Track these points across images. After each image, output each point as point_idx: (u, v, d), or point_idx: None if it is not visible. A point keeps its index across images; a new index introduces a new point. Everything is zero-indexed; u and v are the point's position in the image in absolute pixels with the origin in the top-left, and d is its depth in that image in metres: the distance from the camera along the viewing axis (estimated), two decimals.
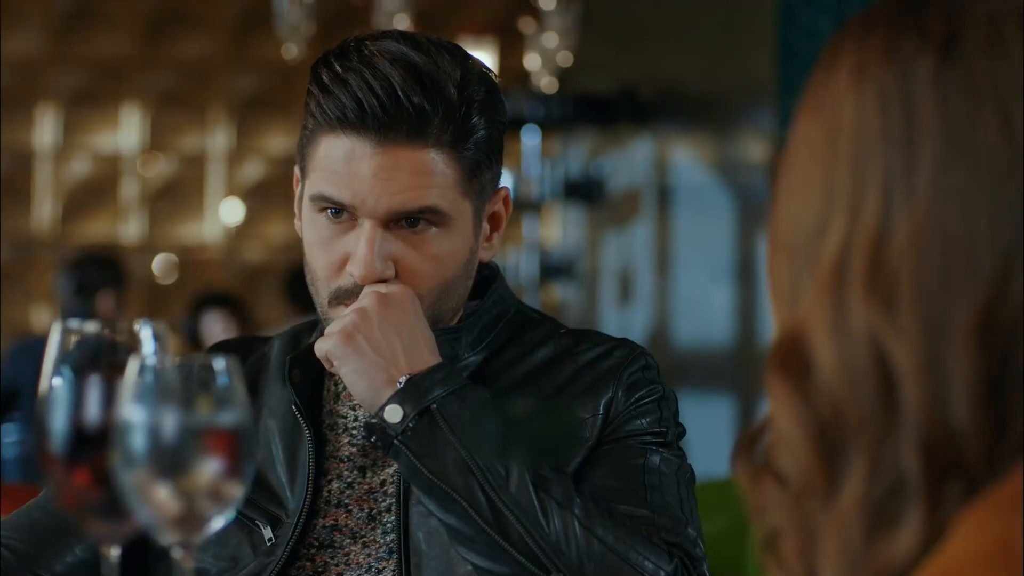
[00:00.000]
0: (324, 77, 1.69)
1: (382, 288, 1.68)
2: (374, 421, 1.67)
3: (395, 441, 1.65)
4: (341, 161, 1.68)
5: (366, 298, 1.68)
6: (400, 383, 1.65)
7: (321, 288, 1.74)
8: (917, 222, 0.85)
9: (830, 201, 0.89)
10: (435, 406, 1.64)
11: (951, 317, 0.84)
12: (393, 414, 1.64)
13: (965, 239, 0.85)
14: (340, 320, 1.68)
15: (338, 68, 1.69)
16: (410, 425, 1.64)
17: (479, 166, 1.73)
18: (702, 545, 1.70)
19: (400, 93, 1.66)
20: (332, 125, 1.68)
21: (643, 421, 1.74)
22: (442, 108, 1.68)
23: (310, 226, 1.73)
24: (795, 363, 0.88)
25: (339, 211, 1.70)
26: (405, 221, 1.70)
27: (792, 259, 0.91)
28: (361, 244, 1.69)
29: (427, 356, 1.68)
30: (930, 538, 0.83)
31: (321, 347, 1.69)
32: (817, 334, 0.87)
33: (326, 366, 1.71)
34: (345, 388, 1.77)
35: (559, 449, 1.72)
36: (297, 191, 1.79)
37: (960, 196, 0.85)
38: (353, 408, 1.78)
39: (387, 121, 1.66)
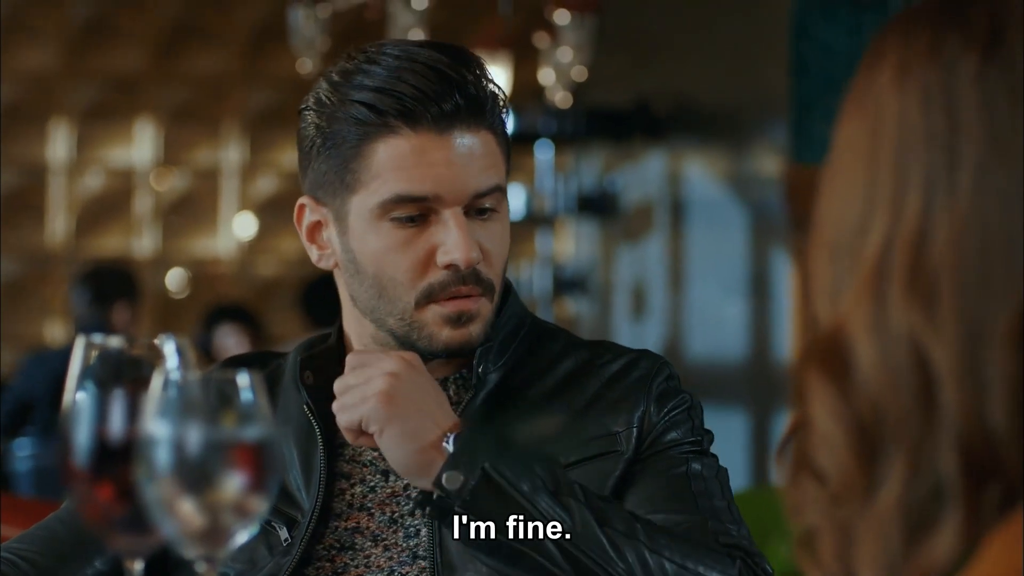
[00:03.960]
0: (362, 80, 1.69)
1: (394, 354, 1.66)
2: (416, 494, 1.65)
3: (456, 509, 1.59)
4: (409, 157, 1.67)
5: (389, 361, 1.64)
6: (448, 440, 1.61)
7: (403, 294, 1.70)
8: (958, 222, 0.85)
9: (872, 199, 0.88)
10: (487, 465, 1.59)
11: (990, 318, 0.83)
12: (453, 481, 1.58)
13: (1005, 240, 0.84)
14: (368, 387, 1.63)
15: (376, 69, 1.68)
16: (470, 488, 1.58)
17: (509, 151, 1.75)
18: (755, 544, 1.69)
19: (454, 75, 1.68)
20: (388, 124, 1.67)
21: (678, 432, 1.74)
22: (489, 90, 1.71)
23: (377, 236, 1.70)
24: (835, 361, 0.88)
25: (413, 211, 1.68)
26: (476, 208, 1.70)
27: (833, 257, 0.90)
28: (453, 231, 1.68)
29: (452, 415, 1.65)
30: (969, 543, 0.82)
31: (352, 415, 1.63)
32: (857, 332, 0.87)
33: (350, 438, 1.65)
34: None
35: (574, 449, 1.73)
36: (305, 221, 1.78)
37: (1001, 196, 0.84)
38: None
39: (448, 107, 1.67)
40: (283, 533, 1.74)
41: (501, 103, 1.72)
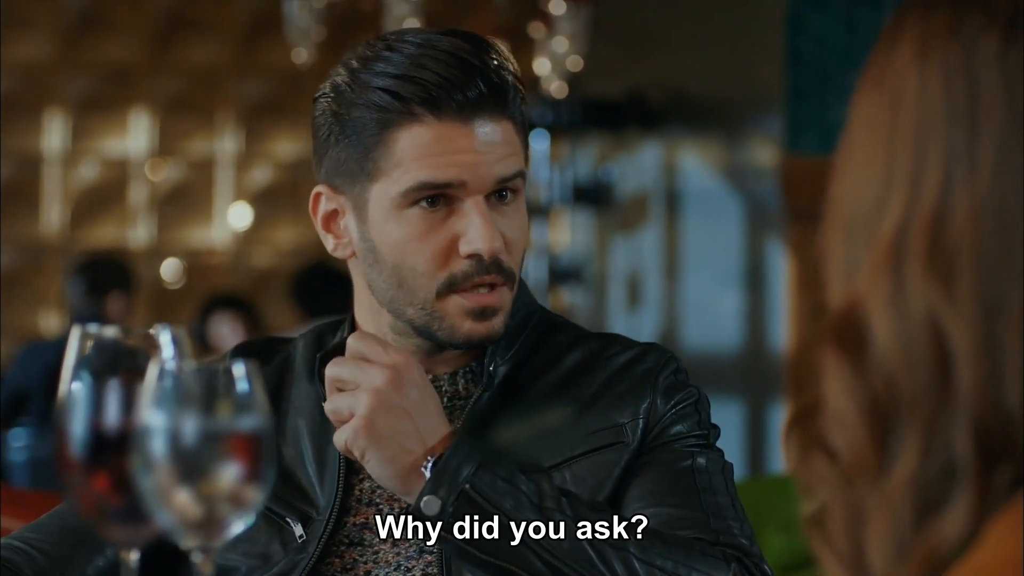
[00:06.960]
0: (383, 67, 1.67)
1: (385, 358, 1.63)
2: (405, 509, 1.65)
3: (441, 533, 1.60)
4: (432, 144, 1.65)
5: (377, 376, 1.62)
6: (427, 467, 1.61)
7: (424, 283, 1.68)
8: (977, 200, 0.85)
9: (890, 177, 0.88)
10: (468, 486, 1.59)
11: (1009, 297, 0.84)
12: (431, 506, 1.59)
13: None
14: (353, 401, 1.63)
15: (396, 56, 1.67)
16: (450, 511, 1.59)
17: (527, 140, 1.74)
18: (756, 542, 1.69)
19: (477, 63, 1.66)
20: (411, 112, 1.65)
21: (684, 426, 1.73)
22: (510, 76, 1.69)
23: (398, 225, 1.68)
24: (850, 338, 0.87)
25: (435, 199, 1.66)
26: (497, 195, 1.69)
27: (850, 234, 0.90)
28: (476, 220, 1.66)
29: (440, 425, 1.64)
30: (978, 523, 0.82)
31: (339, 439, 1.64)
32: (874, 310, 0.87)
33: (342, 449, 1.66)
34: None
35: (570, 444, 1.73)
36: (321, 209, 1.74)
37: (1021, 175, 0.85)
38: None
39: (472, 95, 1.65)
40: (298, 529, 1.73)
41: (520, 92, 1.71)
